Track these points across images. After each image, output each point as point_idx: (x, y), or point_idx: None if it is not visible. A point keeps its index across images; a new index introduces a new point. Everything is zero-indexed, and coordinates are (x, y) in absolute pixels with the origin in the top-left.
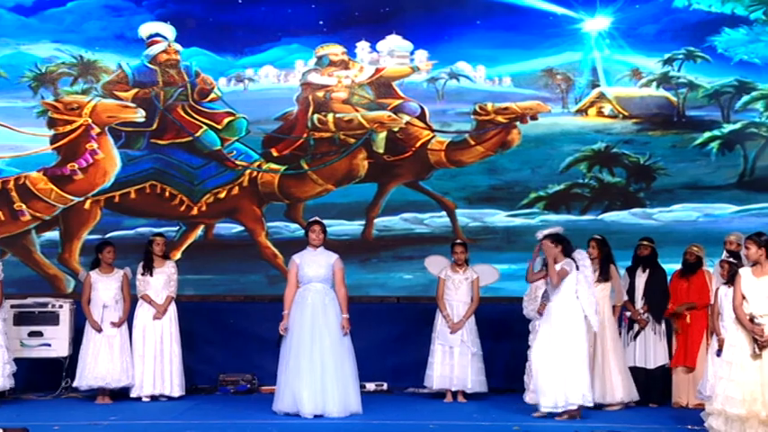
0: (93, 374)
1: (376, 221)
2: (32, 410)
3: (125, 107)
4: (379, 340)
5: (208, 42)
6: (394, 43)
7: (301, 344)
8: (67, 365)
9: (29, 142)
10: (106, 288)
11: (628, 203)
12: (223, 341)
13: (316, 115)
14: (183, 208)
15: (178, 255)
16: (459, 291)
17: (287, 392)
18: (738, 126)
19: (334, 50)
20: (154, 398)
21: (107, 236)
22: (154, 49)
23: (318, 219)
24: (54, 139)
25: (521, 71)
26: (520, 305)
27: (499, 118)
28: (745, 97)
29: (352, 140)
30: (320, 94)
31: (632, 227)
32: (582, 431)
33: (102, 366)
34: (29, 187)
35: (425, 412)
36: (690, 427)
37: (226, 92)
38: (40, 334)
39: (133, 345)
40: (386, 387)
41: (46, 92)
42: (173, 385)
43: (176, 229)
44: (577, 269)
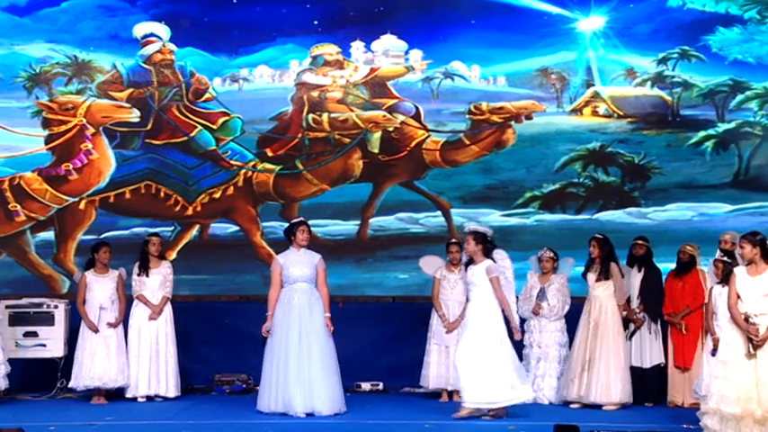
0: (89, 375)
1: (371, 221)
2: (28, 411)
3: (120, 107)
4: (375, 340)
5: (202, 42)
6: (389, 43)
7: (289, 344)
8: (63, 366)
9: (23, 142)
10: (102, 288)
11: (623, 203)
12: (218, 341)
13: (311, 115)
14: (178, 208)
15: (173, 255)
16: (455, 290)
17: (274, 391)
18: (733, 125)
19: (329, 50)
20: (149, 398)
21: (102, 236)
22: (148, 49)
23: (304, 219)
24: (49, 140)
25: (515, 71)
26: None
27: (494, 117)
28: (740, 96)
29: (347, 140)
30: (315, 93)
31: (627, 226)
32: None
33: (99, 367)
34: (23, 187)
35: (421, 412)
36: (685, 426)
37: (221, 92)
38: (35, 334)
39: (128, 345)
40: (381, 387)
41: (40, 92)
42: (168, 386)
43: (171, 229)
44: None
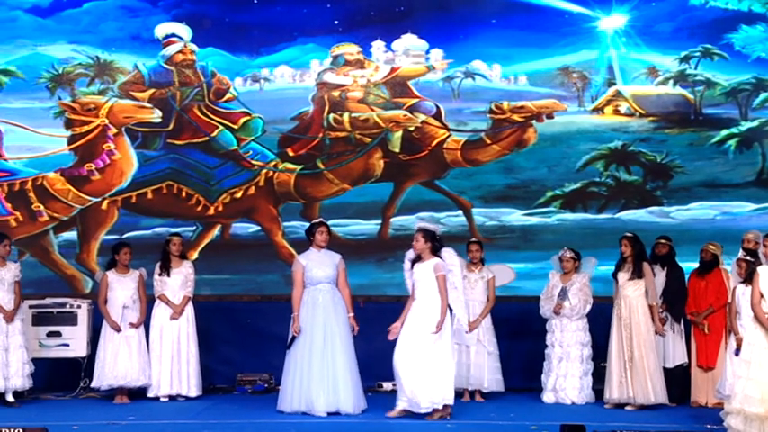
0: (112, 374)
1: (392, 221)
2: (51, 410)
3: (141, 108)
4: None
5: (223, 42)
6: (409, 42)
7: (314, 344)
8: (85, 365)
9: (46, 143)
10: (123, 288)
11: (645, 202)
12: (240, 341)
13: (331, 115)
14: (199, 208)
15: (195, 255)
16: (475, 290)
17: (297, 391)
18: (756, 124)
19: (350, 50)
20: (171, 398)
21: (124, 236)
22: (170, 50)
23: (323, 220)
24: (71, 140)
25: (536, 70)
26: (536, 304)
27: (515, 117)
28: (763, 94)
29: (367, 140)
30: (336, 93)
31: (649, 225)
32: (600, 430)
33: (122, 366)
34: (46, 188)
35: None
36: (708, 427)
37: (242, 92)
38: (58, 334)
39: (150, 345)
40: None
41: (63, 93)
42: (190, 385)
43: (193, 228)
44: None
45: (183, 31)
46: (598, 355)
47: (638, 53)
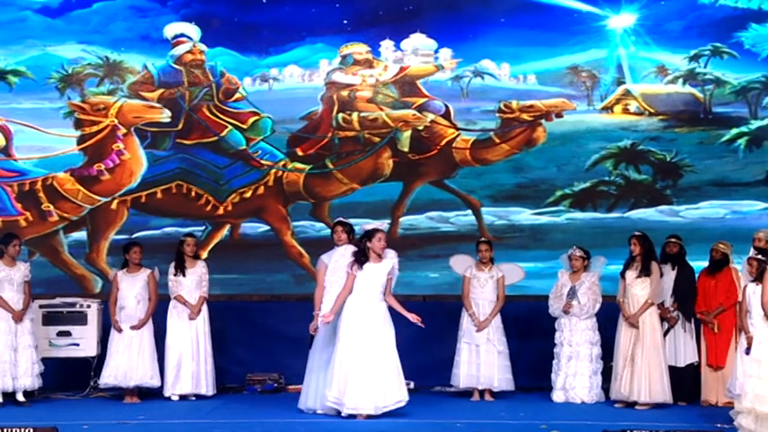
0: (114, 373)
1: (401, 220)
2: (61, 410)
3: (151, 107)
4: (405, 339)
5: (232, 42)
6: (418, 42)
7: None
8: (95, 365)
9: (56, 143)
10: (128, 287)
11: (654, 201)
12: (250, 340)
13: (340, 114)
14: (208, 208)
15: (204, 254)
16: (485, 289)
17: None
18: (766, 122)
19: (359, 49)
20: (182, 397)
21: (134, 236)
22: (179, 50)
23: (342, 219)
24: (81, 140)
25: (545, 69)
26: (546, 303)
27: (524, 116)
28: None
29: (376, 139)
30: (345, 93)
31: (659, 224)
32: (611, 429)
33: (125, 365)
34: (56, 188)
35: (452, 411)
36: (719, 426)
37: (251, 92)
38: (68, 334)
39: (167, 345)
40: (412, 386)
41: (72, 93)
42: (207, 385)
43: (202, 228)
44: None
45: (192, 30)
46: (608, 355)
47: (647, 52)
